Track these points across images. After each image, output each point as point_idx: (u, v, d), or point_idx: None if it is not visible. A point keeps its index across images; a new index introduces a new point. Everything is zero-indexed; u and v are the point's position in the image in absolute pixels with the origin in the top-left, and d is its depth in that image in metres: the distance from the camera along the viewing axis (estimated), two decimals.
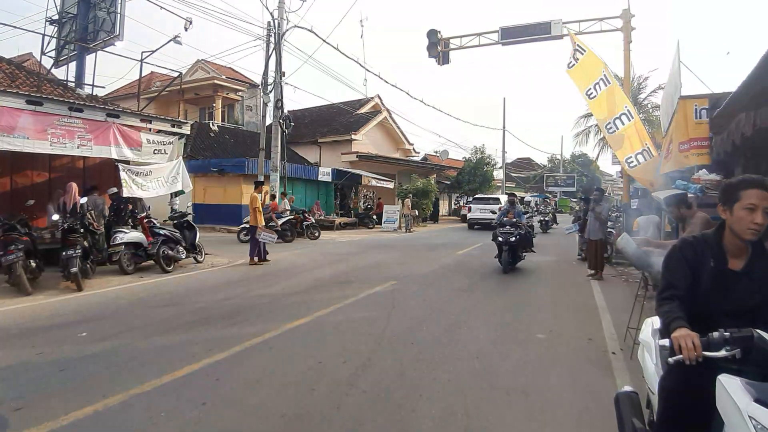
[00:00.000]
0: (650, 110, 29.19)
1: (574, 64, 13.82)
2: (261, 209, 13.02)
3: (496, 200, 28.15)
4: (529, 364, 5.29)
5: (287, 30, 20.83)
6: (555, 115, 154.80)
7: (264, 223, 13.16)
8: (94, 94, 15.38)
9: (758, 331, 2.10)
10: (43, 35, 17.00)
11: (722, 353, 2.06)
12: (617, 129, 13.00)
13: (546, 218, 26.86)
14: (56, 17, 17.63)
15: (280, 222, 17.75)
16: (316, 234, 19.88)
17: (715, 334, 2.09)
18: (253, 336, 5.99)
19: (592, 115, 30.91)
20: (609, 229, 13.37)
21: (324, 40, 21.23)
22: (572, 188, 56.06)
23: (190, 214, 12.95)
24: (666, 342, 2.20)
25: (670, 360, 2.13)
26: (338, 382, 4.59)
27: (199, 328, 6.42)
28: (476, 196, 32.58)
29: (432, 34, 17.64)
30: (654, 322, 2.99)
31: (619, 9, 15.41)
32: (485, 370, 5.03)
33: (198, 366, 4.94)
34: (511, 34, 16.59)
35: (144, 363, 5.06)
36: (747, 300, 2.43)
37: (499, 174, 48.38)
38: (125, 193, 11.49)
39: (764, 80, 4.61)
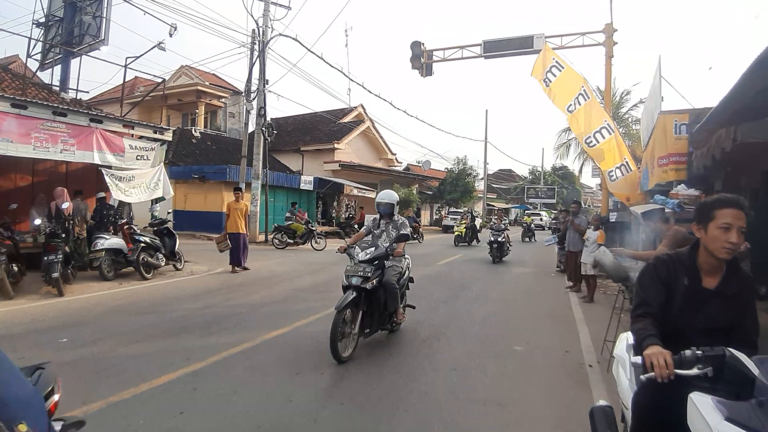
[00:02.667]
0: (630, 124, 29.56)
1: (550, 82, 13.99)
2: (246, 215, 13.00)
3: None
4: (507, 377, 5.32)
5: (272, 38, 20.86)
6: (537, 127, 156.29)
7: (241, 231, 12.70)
8: (78, 98, 15.25)
9: (730, 349, 2.12)
10: (30, 38, 16.85)
11: (694, 371, 2.09)
12: (597, 143, 13.18)
13: (499, 239, 16.93)
14: (43, 20, 17.50)
15: None
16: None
17: (688, 352, 2.12)
18: (231, 346, 5.96)
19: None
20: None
21: (309, 49, 21.31)
22: (552, 200, 56.60)
23: (170, 221, 12.85)
24: (638, 359, 2.23)
25: (643, 377, 2.16)
26: (316, 393, 4.58)
27: (177, 337, 6.37)
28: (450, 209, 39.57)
29: (416, 45, 17.75)
30: (628, 337, 3.01)
31: (602, 23, 15.65)
32: (462, 382, 5.05)
33: (176, 375, 4.91)
34: (494, 48, 16.77)
35: (122, 371, 5.02)
36: (720, 318, 2.46)
37: (480, 185, 48.70)
38: (113, 197, 11.45)
39: (745, 96, 4.70)
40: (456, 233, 25.10)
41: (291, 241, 20.29)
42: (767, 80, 4.11)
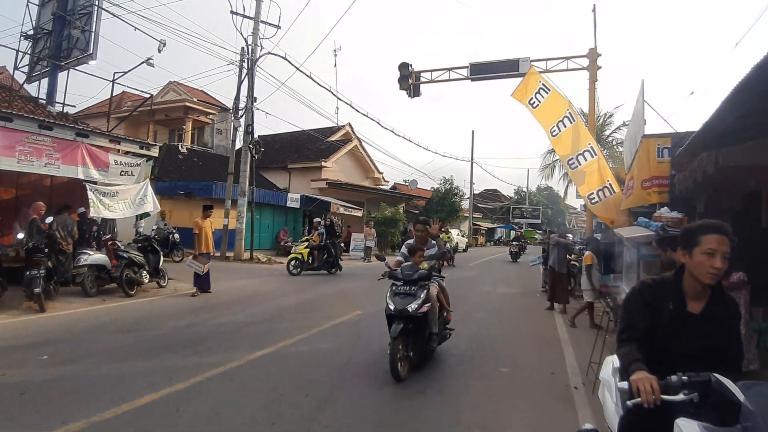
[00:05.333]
0: (614, 146, 29.97)
1: (537, 104, 14.15)
2: (210, 235, 12.10)
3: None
4: (492, 399, 5.30)
5: (261, 56, 20.94)
6: (522, 148, 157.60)
7: (212, 250, 12.24)
8: (64, 112, 15.17)
9: (716, 375, 2.14)
10: (17, 50, 16.80)
11: (680, 397, 2.10)
12: (579, 165, 13.32)
13: (412, 306, 5.76)
14: (31, 33, 17.42)
15: None
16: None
17: (674, 377, 2.14)
18: (215, 366, 5.88)
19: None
20: (573, 262, 13.55)
21: (297, 68, 21.41)
22: (537, 220, 57.03)
23: (154, 238, 12.72)
24: (625, 385, 2.24)
25: (629, 403, 2.17)
26: (300, 416, 4.53)
27: (160, 356, 6.28)
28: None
29: (403, 67, 17.90)
30: (614, 360, 3.02)
31: (586, 48, 15.88)
32: (448, 405, 5.03)
33: (158, 395, 4.83)
34: (480, 71, 16.96)
35: (104, 390, 4.93)
36: (705, 342, 2.48)
37: (466, 204, 48.95)
38: (92, 213, 11.34)
39: (727, 121, 4.78)
40: (292, 255, 17.37)
41: None
42: (748, 106, 4.19)
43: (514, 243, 32.08)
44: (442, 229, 25.74)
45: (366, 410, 4.77)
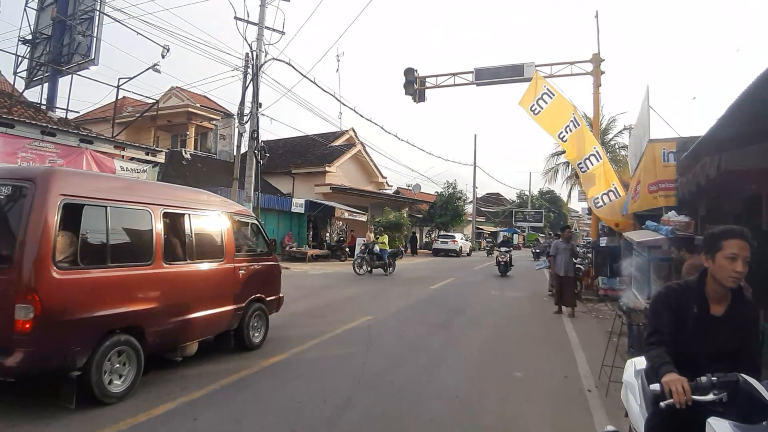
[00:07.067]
0: (617, 150, 30.04)
1: (539, 111, 14.18)
2: None
3: (452, 236, 38.09)
4: (508, 403, 5.33)
5: (266, 62, 20.94)
6: (525, 152, 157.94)
7: None
8: (66, 117, 15.14)
9: (742, 375, 2.23)
10: (16, 55, 16.67)
11: (710, 397, 2.17)
12: (588, 168, 13.37)
13: None
14: (30, 37, 17.31)
15: None
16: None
17: (703, 378, 2.21)
18: (229, 373, 5.88)
19: (560, 154, 31.81)
20: (578, 266, 13.58)
21: (304, 75, 21.37)
22: (540, 224, 57.15)
23: None
24: (657, 387, 2.30)
25: (662, 404, 2.22)
26: (319, 422, 4.54)
27: (171, 365, 6.19)
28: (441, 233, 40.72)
29: (409, 72, 17.95)
30: (636, 363, 3.08)
31: (590, 53, 15.95)
32: (465, 409, 5.05)
33: (174, 405, 4.82)
34: (485, 75, 17.00)
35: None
36: (727, 344, 2.56)
37: (469, 208, 49.02)
38: None
39: (731, 127, 4.85)
40: None
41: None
42: (753, 111, 4.27)
43: (503, 250, 22.38)
44: (378, 235, 21.58)
45: (385, 415, 4.79)
